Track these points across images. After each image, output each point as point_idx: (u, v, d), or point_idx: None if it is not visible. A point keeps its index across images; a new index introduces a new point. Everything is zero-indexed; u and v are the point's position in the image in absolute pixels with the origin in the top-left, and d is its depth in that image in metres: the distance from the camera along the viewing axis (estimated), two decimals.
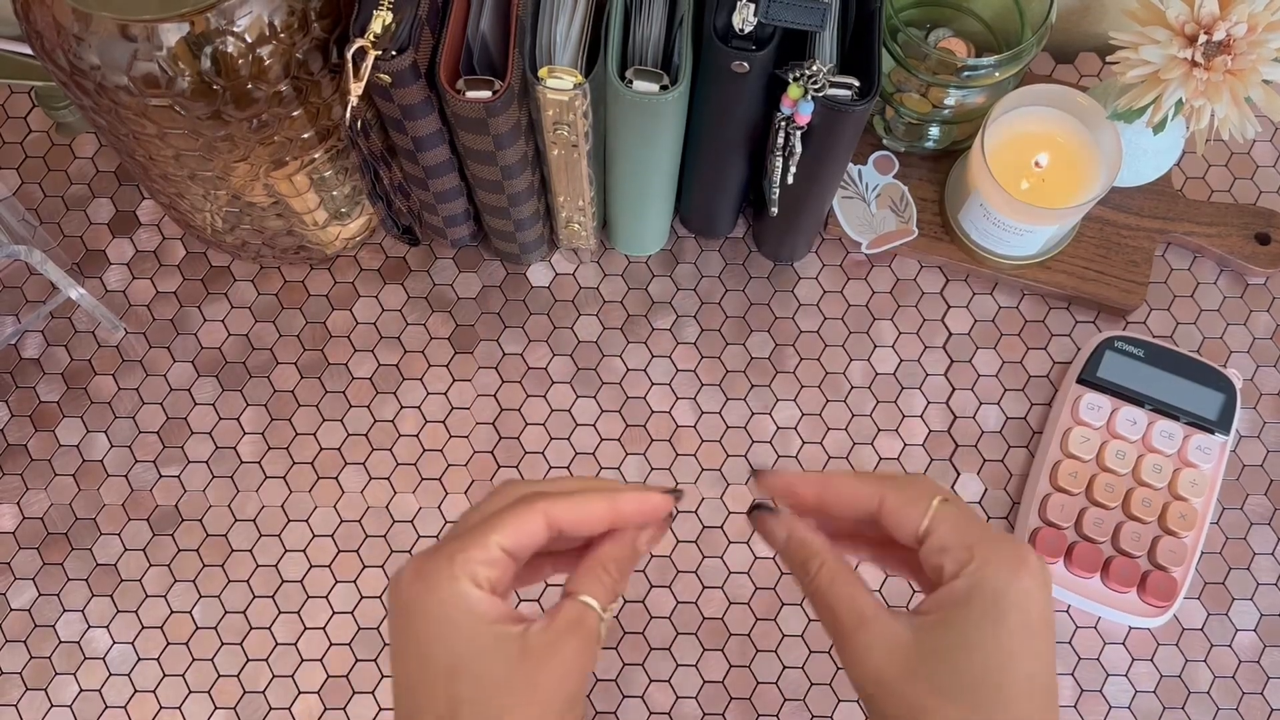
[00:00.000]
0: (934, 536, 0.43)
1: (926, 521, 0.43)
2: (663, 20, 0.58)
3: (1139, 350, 0.72)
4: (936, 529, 0.43)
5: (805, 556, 0.45)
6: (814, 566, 0.44)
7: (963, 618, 0.41)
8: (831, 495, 0.45)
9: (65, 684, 0.69)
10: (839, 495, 0.45)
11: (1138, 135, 0.70)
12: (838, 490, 0.45)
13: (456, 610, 0.41)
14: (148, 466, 0.72)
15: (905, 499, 0.44)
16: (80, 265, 0.76)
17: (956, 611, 0.41)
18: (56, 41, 0.53)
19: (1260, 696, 0.69)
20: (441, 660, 0.41)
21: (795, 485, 0.46)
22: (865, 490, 0.45)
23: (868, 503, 0.45)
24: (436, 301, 0.76)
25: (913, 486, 0.44)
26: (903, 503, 0.44)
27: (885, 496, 0.44)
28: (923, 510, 0.43)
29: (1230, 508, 0.72)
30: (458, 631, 0.41)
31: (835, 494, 0.45)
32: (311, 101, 0.58)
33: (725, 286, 0.76)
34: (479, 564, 0.41)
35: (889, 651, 0.41)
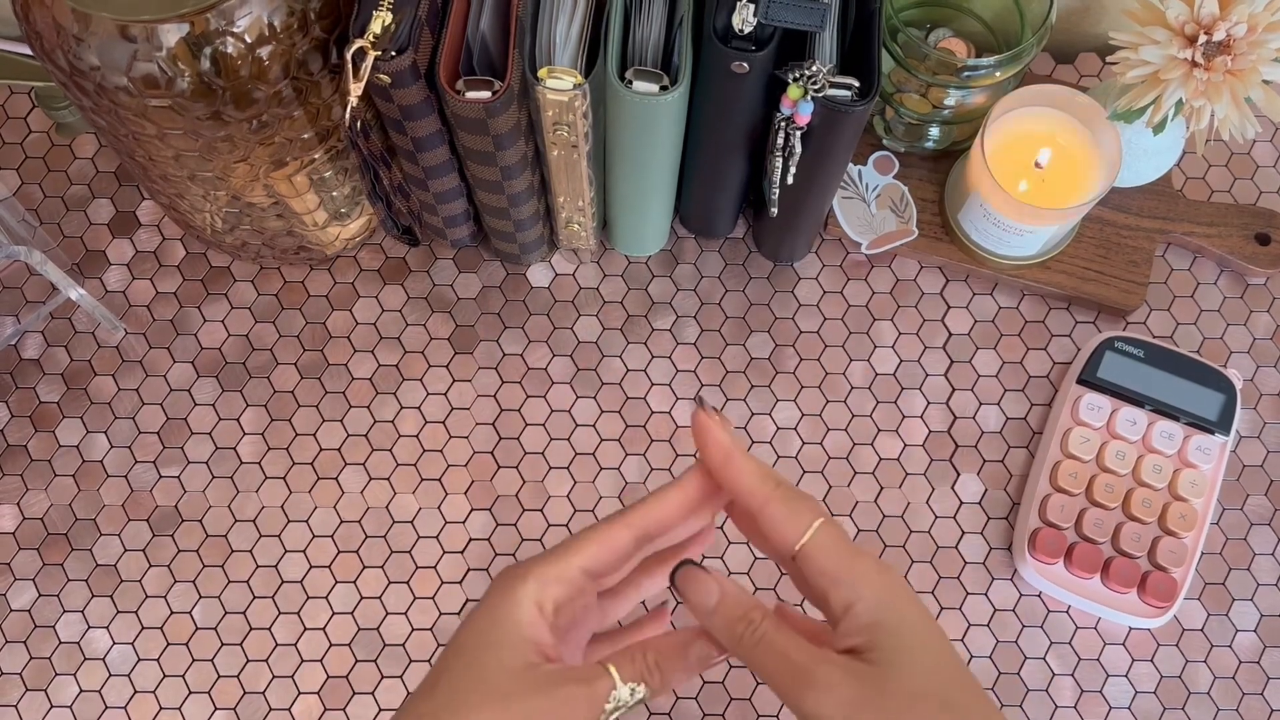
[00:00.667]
0: (813, 560, 0.43)
1: (804, 540, 0.44)
2: (662, 21, 0.58)
3: (1139, 351, 0.72)
4: (814, 553, 0.43)
5: (746, 610, 0.44)
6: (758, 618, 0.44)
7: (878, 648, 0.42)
8: (731, 471, 0.45)
9: (65, 685, 0.69)
10: (735, 476, 0.45)
11: (1138, 135, 0.70)
12: (737, 470, 0.45)
13: (508, 619, 0.43)
14: (148, 467, 0.72)
15: (786, 513, 0.44)
16: (80, 266, 0.76)
17: (865, 643, 0.42)
18: (56, 42, 0.53)
19: (1260, 697, 0.69)
20: (465, 641, 0.44)
21: (715, 439, 0.45)
22: (757, 486, 0.45)
23: (751, 498, 0.45)
24: (436, 302, 0.76)
25: (799, 501, 0.44)
26: (784, 515, 0.44)
27: (769, 502, 0.44)
28: (802, 528, 0.44)
29: (1230, 508, 0.72)
30: (494, 627, 0.43)
31: (734, 472, 0.45)
32: (311, 102, 0.58)
33: (725, 287, 0.76)
34: (552, 583, 0.44)
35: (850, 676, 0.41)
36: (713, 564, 0.71)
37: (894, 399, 0.74)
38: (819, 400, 0.74)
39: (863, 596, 0.42)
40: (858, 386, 0.74)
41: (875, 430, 0.73)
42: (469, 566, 0.71)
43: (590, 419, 0.74)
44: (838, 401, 0.74)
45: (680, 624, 0.68)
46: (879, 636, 0.42)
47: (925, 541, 0.71)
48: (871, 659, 0.42)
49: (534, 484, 0.72)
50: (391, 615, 0.70)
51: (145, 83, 0.53)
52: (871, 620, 0.42)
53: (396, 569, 0.71)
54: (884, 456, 0.73)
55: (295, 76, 0.56)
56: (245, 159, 0.60)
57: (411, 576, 0.71)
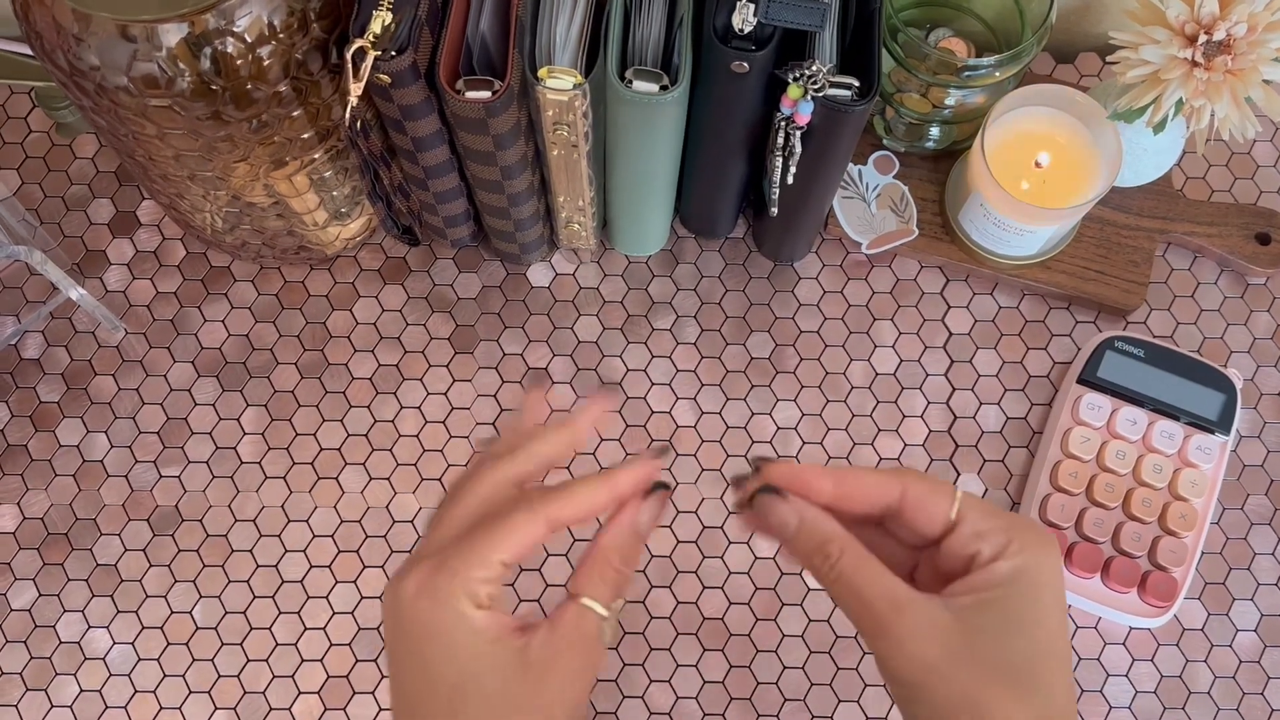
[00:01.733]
0: (966, 523, 0.42)
1: (956, 509, 0.42)
2: (662, 20, 0.58)
3: (1139, 350, 0.72)
4: (967, 515, 0.42)
5: (822, 540, 0.42)
6: (834, 551, 0.42)
7: (1006, 598, 0.40)
8: (849, 487, 0.44)
9: (65, 684, 0.69)
10: (858, 487, 0.44)
11: (1138, 135, 0.70)
12: (856, 481, 0.44)
13: (460, 631, 0.41)
14: (148, 467, 0.72)
15: (929, 489, 0.43)
16: (80, 265, 0.76)
17: (999, 592, 0.40)
18: (56, 42, 0.53)
19: (1261, 697, 0.69)
20: (447, 678, 0.41)
21: (809, 476, 0.44)
22: (887, 481, 0.43)
23: (889, 494, 0.43)
24: (436, 302, 0.76)
25: (932, 479, 0.44)
26: (927, 492, 0.43)
27: (909, 486, 0.43)
28: (949, 500, 0.42)
29: (1230, 508, 0.72)
30: (462, 651, 0.41)
31: (854, 485, 0.44)
32: (311, 102, 0.58)
33: (725, 287, 0.76)
34: (480, 583, 0.41)
35: (933, 636, 0.40)
36: (713, 563, 0.71)
37: (894, 398, 0.74)
38: (819, 400, 0.74)
39: (1008, 554, 0.41)
40: (858, 386, 0.74)
41: (875, 430, 0.73)
42: None
43: None
44: (838, 401, 0.74)
45: None
46: (1000, 600, 0.40)
47: None
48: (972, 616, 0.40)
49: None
50: None
51: (145, 83, 0.53)
52: (1005, 579, 0.40)
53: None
54: (884, 456, 0.73)
55: (295, 76, 0.56)
56: (245, 159, 0.60)
57: None
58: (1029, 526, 0.42)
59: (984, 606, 0.40)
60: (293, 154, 0.61)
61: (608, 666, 0.69)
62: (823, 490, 0.44)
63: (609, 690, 0.69)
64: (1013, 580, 0.40)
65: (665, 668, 0.69)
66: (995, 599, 0.40)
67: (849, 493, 0.44)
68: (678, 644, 0.70)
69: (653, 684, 0.69)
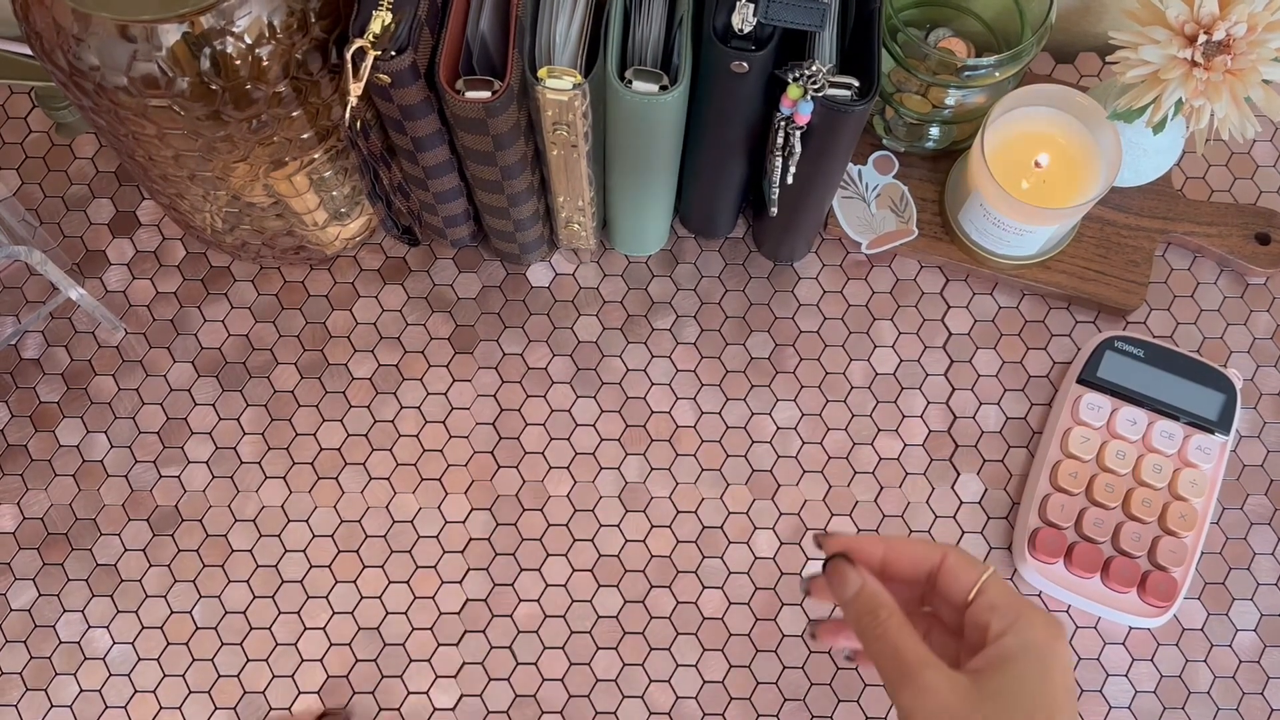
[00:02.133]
0: (985, 595, 0.48)
1: (981, 581, 0.48)
2: (662, 20, 0.58)
3: (1139, 350, 0.72)
4: (988, 589, 0.48)
5: (876, 605, 0.49)
6: (884, 615, 0.48)
7: (1016, 669, 0.45)
8: (895, 554, 0.50)
9: (65, 684, 0.69)
10: (903, 553, 0.50)
11: (1138, 135, 0.70)
12: (901, 548, 0.50)
13: None
14: (148, 467, 0.72)
15: (965, 562, 0.49)
16: (80, 266, 0.76)
17: (1009, 664, 0.46)
18: (56, 42, 0.53)
19: (1260, 697, 0.69)
20: None
21: (862, 544, 0.51)
22: (929, 549, 0.50)
23: (929, 559, 0.50)
24: (436, 302, 0.76)
25: (967, 554, 0.50)
26: (963, 563, 0.49)
27: (949, 555, 0.50)
28: (978, 573, 0.49)
29: (1230, 508, 0.72)
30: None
31: (900, 552, 0.50)
32: (311, 102, 0.58)
33: (725, 287, 0.76)
34: None
35: (952, 690, 0.45)
36: (713, 563, 0.71)
37: (894, 399, 0.74)
38: (819, 400, 0.74)
39: (1017, 630, 0.47)
40: (858, 386, 0.74)
41: (875, 430, 0.73)
42: (469, 566, 0.71)
43: (590, 419, 0.74)
44: (838, 401, 0.74)
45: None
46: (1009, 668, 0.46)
47: None
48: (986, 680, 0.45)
49: (534, 484, 0.72)
50: (391, 615, 0.70)
51: (145, 83, 0.53)
52: (1014, 652, 0.46)
53: (396, 568, 0.71)
54: (884, 456, 0.73)
55: (295, 76, 0.56)
56: (245, 159, 0.60)
57: (411, 576, 0.71)
58: (1040, 611, 0.47)
59: (995, 673, 0.46)
60: (292, 154, 0.61)
61: (608, 666, 0.69)
62: (874, 554, 0.51)
63: (609, 690, 0.69)
64: (1020, 655, 0.46)
65: (665, 668, 0.69)
66: (1005, 668, 0.45)
67: (897, 557, 0.51)
68: (677, 644, 0.70)
69: (653, 684, 0.69)
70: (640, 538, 0.71)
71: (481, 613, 0.70)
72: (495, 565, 0.71)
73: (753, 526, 0.72)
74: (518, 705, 0.69)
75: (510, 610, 0.70)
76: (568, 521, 0.72)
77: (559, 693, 0.69)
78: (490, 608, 0.70)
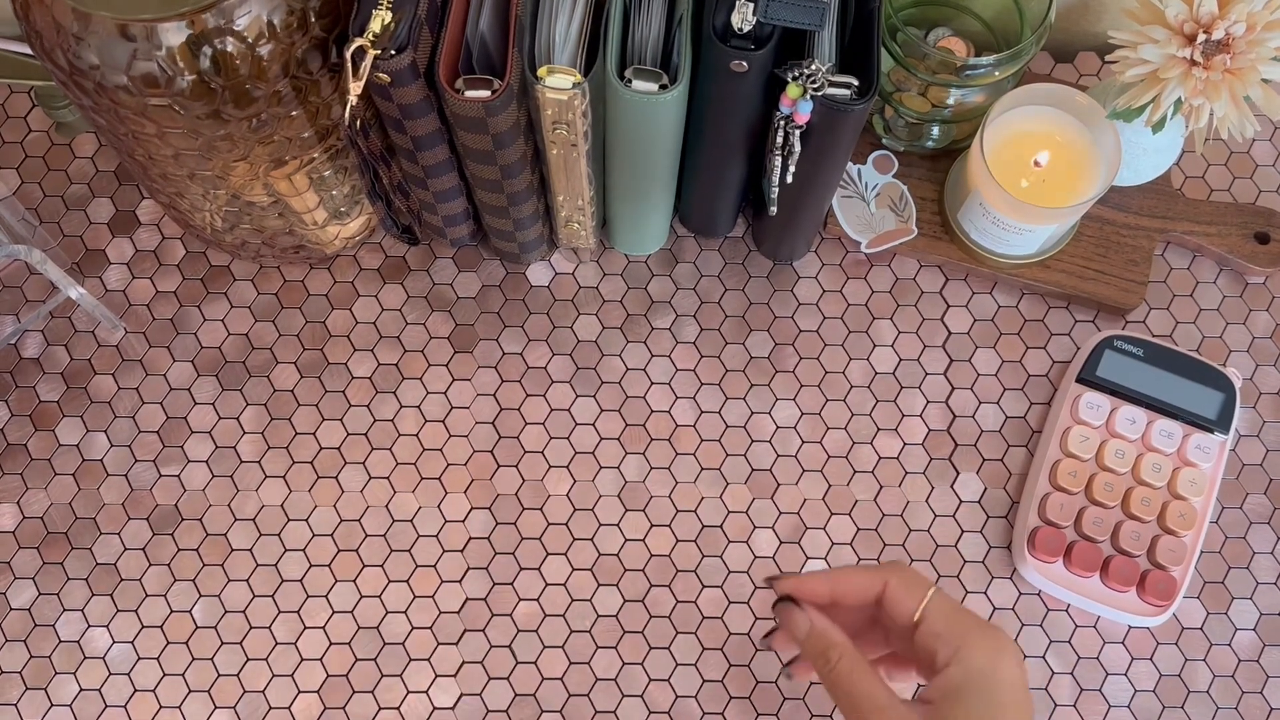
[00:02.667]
0: (926, 623, 0.50)
1: (922, 607, 0.50)
2: (662, 19, 0.58)
3: (1138, 349, 0.72)
4: (929, 616, 0.50)
5: (825, 646, 0.51)
6: (834, 656, 0.51)
7: (964, 703, 0.47)
8: (841, 586, 0.52)
9: (65, 683, 0.69)
10: (848, 584, 0.52)
11: (1137, 134, 0.70)
12: (846, 580, 0.52)
13: None
14: (147, 466, 0.73)
15: (904, 584, 0.51)
16: (80, 265, 0.76)
17: (957, 697, 0.47)
18: (56, 41, 0.54)
19: (1260, 696, 0.69)
20: None
21: (808, 583, 0.53)
22: (870, 577, 0.52)
23: (873, 587, 0.52)
24: (436, 301, 0.76)
25: (911, 574, 0.52)
26: (902, 587, 0.51)
27: (888, 581, 0.51)
28: (919, 597, 0.51)
29: (1230, 507, 0.72)
30: None
31: (844, 583, 0.52)
32: (311, 101, 0.58)
33: (725, 286, 0.76)
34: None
35: None
36: (713, 562, 0.71)
37: (893, 397, 0.74)
38: (818, 399, 0.74)
39: (961, 659, 0.48)
40: (857, 385, 0.74)
41: (875, 429, 0.74)
42: (469, 565, 0.71)
43: (590, 418, 0.74)
44: (837, 400, 0.74)
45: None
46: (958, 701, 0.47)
47: (925, 540, 0.71)
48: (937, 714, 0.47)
49: (534, 482, 0.72)
50: (391, 614, 0.70)
51: (145, 82, 0.53)
52: (959, 684, 0.48)
53: (396, 567, 0.71)
54: (883, 455, 0.73)
55: (295, 75, 0.56)
56: (245, 158, 0.60)
57: (411, 575, 0.71)
58: (984, 634, 0.49)
59: (947, 705, 0.47)
60: (292, 153, 0.61)
61: (608, 665, 0.69)
62: (819, 592, 0.53)
63: (609, 689, 0.69)
64: (965, 687, 0.48)
65: (665, 667, 0.69)
66: (956, 702, 0.48)
67: (842, 590, 0.53)
68: (677, 643, 0.70)
69: (652, 683, 0.69)
70: (640, 537, 0.71)
71: (481, 612, 0.70)
72: (495, 564, 0.71)
73: (752, 525, 0.72)
74: (517, 704, 0.69)
75: (510, 609, 0.70)
76: (567, 520, 0.72)
77: (559, 692, 0.69)
78: (490, 607, 0.70)
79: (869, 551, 0.71)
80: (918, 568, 0.71)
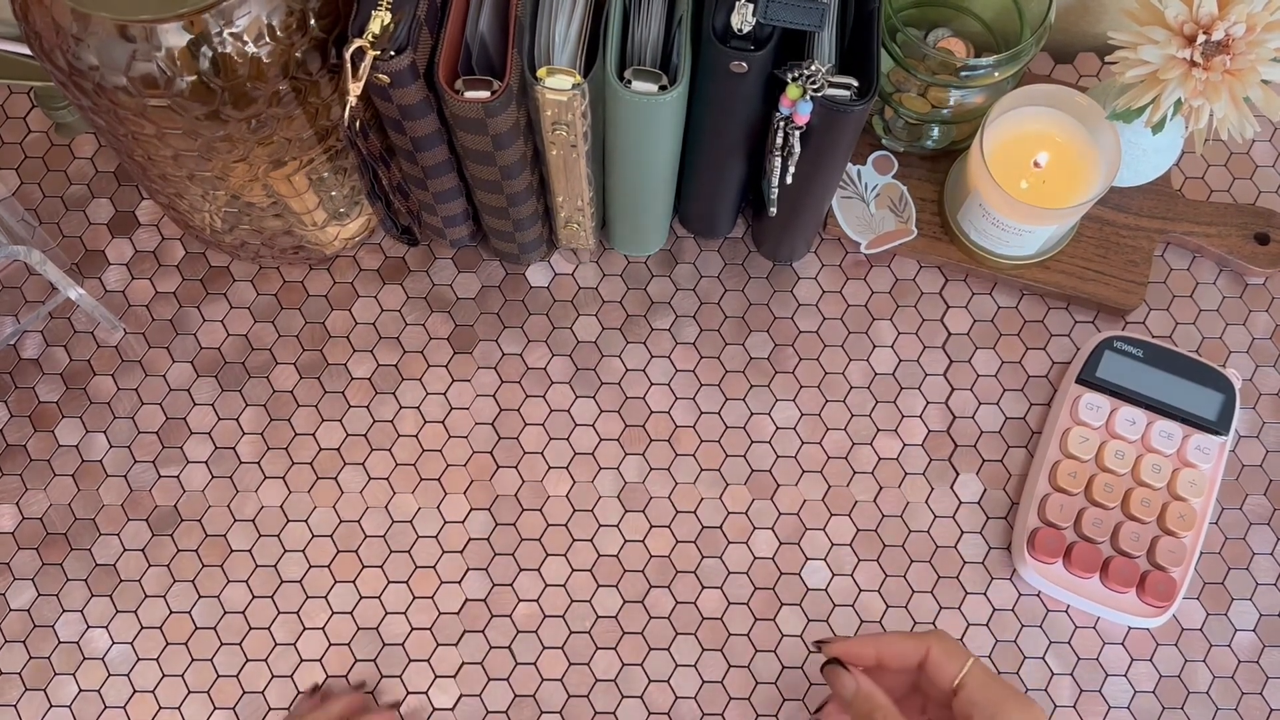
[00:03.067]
0: (965, 691, 0.54)
1: (962, 674, 0.54)
2: (661, 20, 0.58)
3: (1138, 350, 0.72)
4: (968, 684, 0.54)
5: (871, 709, 0.55)
6: (879, 717, 0.54)
7: None
8: (886, 650, 0.56)
9: (64, 684, 0.69)
10: (892, 649, 0.56)
11: (1137, 135, 0.70)
12: (891, 645, 0.56)
13: None
14: (147, 467, 0.72)
15: (946, 652, 0.55)
16: (79, 265, 0.76)
17: None
18: (55, 42, 0.53)
19: (1260, 696, 0.69)
20: None
21: (854, 647, 0.57)
22: (914, 644, 0.56)
23: (916, 654, 0.56)
24: (435, 302, 0.76)
25: (952, 644, 0.56)
26: (944, 654, 0.55)
27: (931, 647, 0.55)
28: (959, 665, 0.54)
29: (1229, 508, 0.72)
30: None
31: (889, 648, 0.56)
32: (310, 102, 0.58)
33: (724, 287, 0.76)
34: None
35: None
36: (713, 563, 0.71)
37: (893, 398, 0.74)
38: (818, 400, 0.74)
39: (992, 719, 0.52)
40: (857, 386, 0.74)
41: (874, 430, 0.74)
42: (468, 566, 0.71)
43: (589, 419, 0.74)
44: (837, 401, 0.74)
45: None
46: None
47: (924, 541, 0.71)
48: None
49: (533, 483, 0.72)
50: (391, 615, 0.70)
51: (144, 82, 0.53)
52: None
53: (396, 568, 0.71)
54: (883, 456, 0.73)
55: (294, 76, 0.56)
56: (244, 159, 0.60)
57: (411, 576, 0.71)
58: (1018, 704, 0.53)
59: None
60: (292, 154, 0.61)
61: (607, 666, 0.69)
62: (865, 656, 0.57)
63: (609, 689, 0.69)
64: None
65: (664, 668, 0.69)
66: None
67: (887, 655, 0.56)
68: (677, 644, 0.70)
69: (652, 684, 0.69)
70: (639, 538, 0.71)
71: (481, 613, 0.70)
72: (494, 565, 0.71)
73: (752, 526, 0.72)
74: (517, 705, 0.69)
75: (509, 610, 0.70)
76: (567, 521, 0.72)
77: (558, 693, 0.69)
78: (489, 608, 0.70)
79: (869, 552, 0.71)
80: (917, 568, 0.71)
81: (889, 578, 0.71)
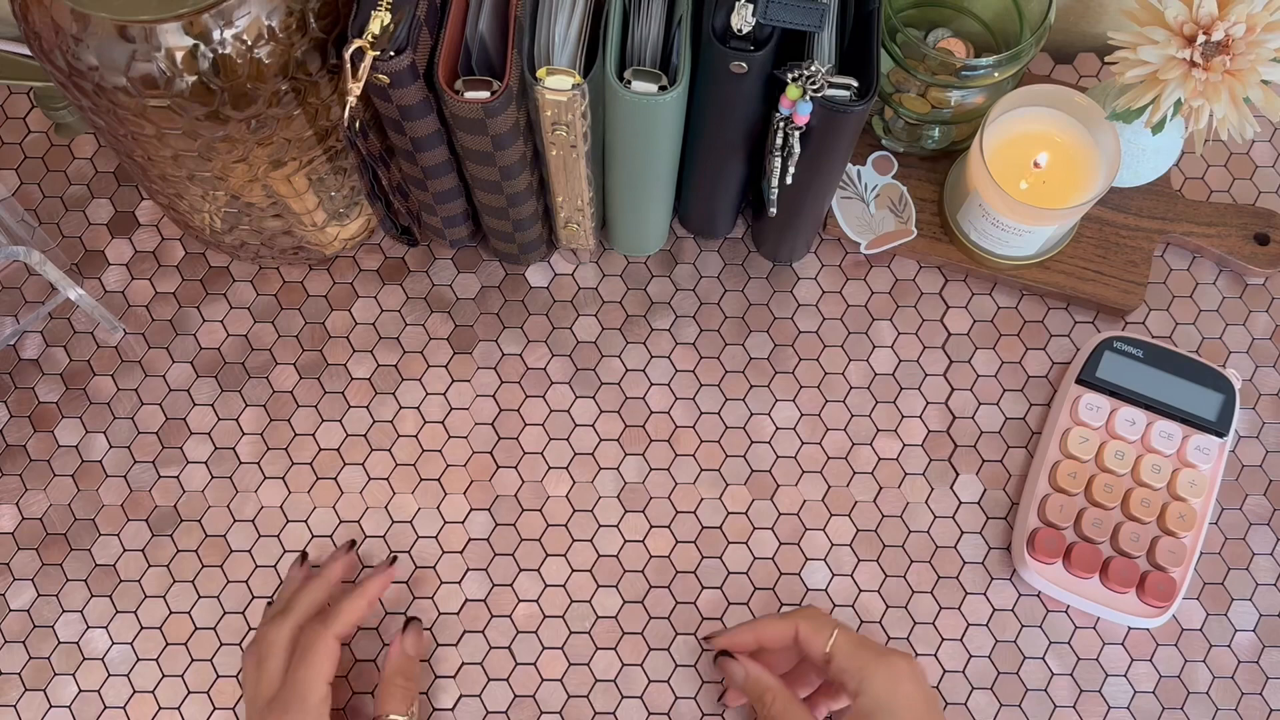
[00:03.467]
0: (835, 660, 0.59)
1: (829, 645, 0.59)
2: (661, 21, 0.58)
3: (1138, 351, 0.72)
4: (835, 654, 0.59)
5: (761, 690, 0.60)
6: (769, 698, 0.59)
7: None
8: (763, 634, 0.62)
9: (64, 684, 0.69)
10: (767, 632, 0.62)
11: (1137, 135, 0.70)
12: (765, 629, 0.62)
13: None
14: (146, 467, 0.72)
15: (813, 628, 0.60)
16: (79, 266, 0.76)
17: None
18: (55, 42, 0.53)
19: (1259, 697, 0.69)
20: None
21: (737, 636, 0.63)
22: (784, 624, 0.61)
23: (787, 632, 0.61)
24: (435, 302, 0.76)
25: (819, 618, 0.61)
26: (811, 630, 0.60)
27: (798, 625, 0.60)
28: (825, 637, 0.59)
29: (1229, 508, 0.72)
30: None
31: (764, 632, 0.62)
32: (310, 102, 0.58)
33: (724, 287, 0.76)
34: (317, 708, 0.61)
35: None
36: (712, 563, 0.71)
37: (893, 399, 0.74)
38: (818, 400, 0.74)
39: (865, 690, 0.57)
40: (856, 386, 0.74)
41: (874, 430, 0.74)
42: (468, 566, 0.71)
43: (589, 419, 0.74)
44: (837, 401, 0.74)
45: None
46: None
47: (924, 541, 0.71)
48: None
49: (533, 484, 0.72)
50: (390, 615, 0.70)
51: (144, 83, 0.53)
52: (869, 711, 0.56)
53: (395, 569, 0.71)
54: (883, 456, 0.73)
55: (294, 76, 0.56)
56: (244, 159, 0.60)
57: (410, 576, 0.71)
58: (881, 663, 0.57)
59: None
60: (291, 154, 0.61)
61: (606, 666, 0.69)
62: (747, 642, 0.63)
63: (608, 689, 0.69)
64: (873, 713, 0.56)
65: (664, 668, 0.69)
66: None
67: (764, 639, 0.62)
68: (677, 644, 0.70)
69: (652, 684, 0.69)
70: (639, 538, 0.71)
71: (480, 613, 0.70)
72: (494, 565, 0.71)
73: (752, 527, 0.72)
74: (516, 705, 0.69)
75: (509, 610, 0.70)
76: (567, 522, 0.72)
77: (558, 693, 0.69)
78: (489, 608, 0.70)
79: (869, 553, 0.71)
80: (917, 569, 0.71)
81: (889, 578, 0.71)
